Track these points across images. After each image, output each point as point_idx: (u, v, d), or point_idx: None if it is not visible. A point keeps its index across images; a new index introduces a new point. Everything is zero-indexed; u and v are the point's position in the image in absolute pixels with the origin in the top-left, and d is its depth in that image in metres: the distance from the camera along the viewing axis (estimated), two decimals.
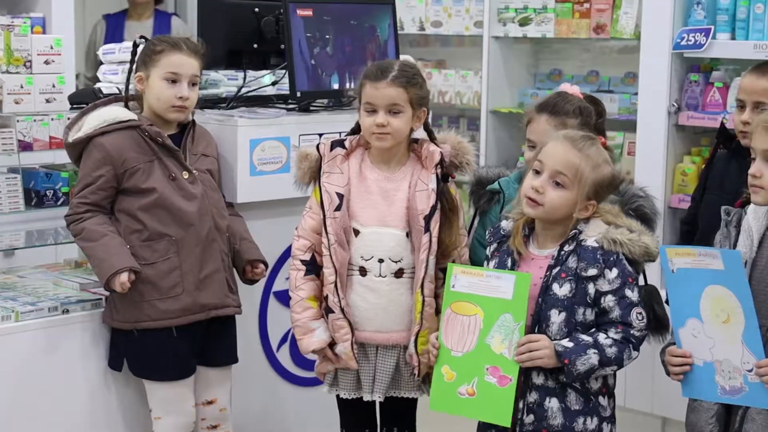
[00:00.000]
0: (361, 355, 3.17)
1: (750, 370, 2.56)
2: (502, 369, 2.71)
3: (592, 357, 2.66)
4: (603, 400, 2.74)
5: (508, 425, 2.73)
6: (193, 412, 3.41)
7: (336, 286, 3.11)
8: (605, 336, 2.69)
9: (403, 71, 3.11)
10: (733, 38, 4.25)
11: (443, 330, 2.85)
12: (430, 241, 3.07)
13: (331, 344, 3.17)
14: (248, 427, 3.79)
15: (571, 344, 2.66)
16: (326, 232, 3.12)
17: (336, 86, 3.85)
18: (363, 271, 3.14)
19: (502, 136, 5.19)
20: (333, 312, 3.13)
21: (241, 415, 3.70)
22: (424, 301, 3.08)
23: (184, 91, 3.33)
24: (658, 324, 2.90)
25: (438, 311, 3.10)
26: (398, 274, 3.11)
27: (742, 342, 2.57)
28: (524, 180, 2.81)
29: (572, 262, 2.71)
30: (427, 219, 3.07)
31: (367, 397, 3.17)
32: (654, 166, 4.44)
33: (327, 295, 3.14)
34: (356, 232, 3.14)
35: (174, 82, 3.32)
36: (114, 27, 6.10)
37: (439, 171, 3.10)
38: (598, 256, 2.69)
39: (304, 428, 3.98)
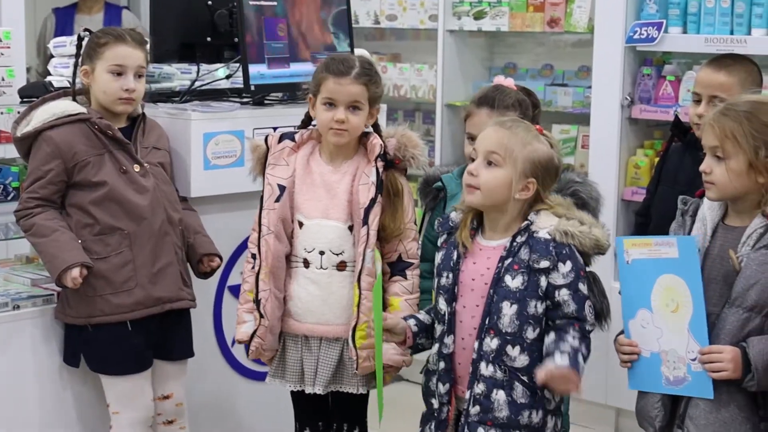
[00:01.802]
0: (305, 348, 3.18)
1: (694, 359, 2.59)
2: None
3: (582, 362, 2.68)
4: (548, 393, 2.74)
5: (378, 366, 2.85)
6: (151, 405, 3.39)
7: (258, 277, 3.12)
8: (572, 339, 2.68)
9: (365, 68, 3.11)
10: (684, 32, 4.29)
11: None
12: (368, 234, 3.07)
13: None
14: (203, 420, 3.78)
15: (567, 361, 2.64)
16: (260, 224, 3.13)
17: (290, 80, 3.83)
18: (306, 263, 3.14)
19: (457, 130, 5.19)
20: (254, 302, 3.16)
21: (195, 408, 3.68)
22: (361, 294, 3.07)
23: (130, 83, 3.30)
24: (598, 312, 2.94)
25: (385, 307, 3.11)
26: (340, 266, 3.12)
27: (688, 330, 2.60)
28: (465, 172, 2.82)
29: (524, 253, 2.71)
30: (366, 211, 3.07)
31: (309, 390, 3.17)
32: (607, 158, 4.47)
33: None
34: (300, 224, 3.14)
35: (119, 74, 3.29)
36: (64, 21, 6.02)
37: (380, 164, 3.11)
38: (551, 249, 2.69)
39: (259, 422, 3.97)
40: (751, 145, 2.57)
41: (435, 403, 2.83)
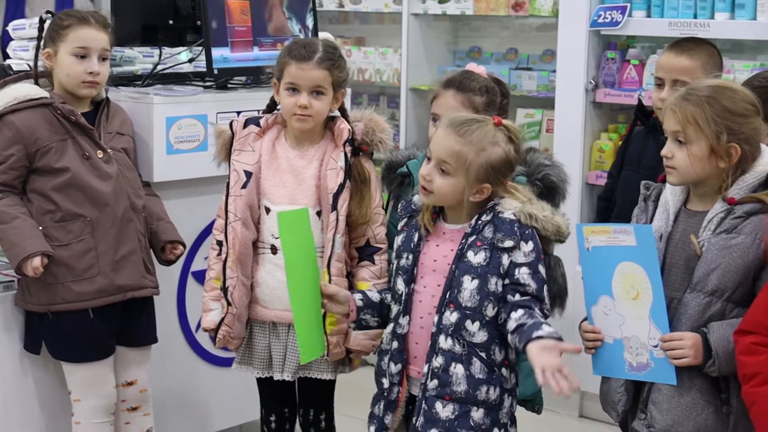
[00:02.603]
0: (273, 334, 3.16)
1: (656, 346, 2.60)
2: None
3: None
4: (505, 372, 2.75)
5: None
6: (113, 393, 3.37)
7: (225, 264, 3.10)
8: (539, 314, 2.67)
9: (328, 53, 3.08)
10: (648, 16, 4.30)
11: None
12: (337, 219, 3.05)
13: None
14: (167, 407, 3.76)
15: (552, 328, 2.62)
16: (227, 210, 3.11)
17: (254, 64, 3.81)
18: (274, 250, 3.12)
19: (422, 114, 5.19)
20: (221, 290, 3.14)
21: (160, 395, 3.66)
22: (330, 280, 3.05)
23: (95, 66, 3.26)
24: (559, 294, 2.96)
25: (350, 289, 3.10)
26: None
27: (649, 318, 2.61)
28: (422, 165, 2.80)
29: (488, 232, 2.71)
30: (335, 197, 3.06)
31: (277, 376, 3.16)
32: (572, 142, 4.48)
33: None
34: (267, 210, 3.12)
35: (83, 57, 3.26)
36: (15, 3, 5.93)
37: (348, 148, 3.09)
38: (515, 229, 2.69)
39: (224, 408, 3.96)
40: (712, 130, 2.57)
41: (386, 383, 2.82)
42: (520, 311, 2.68)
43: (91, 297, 3.25)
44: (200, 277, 3.71)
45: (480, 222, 2.72)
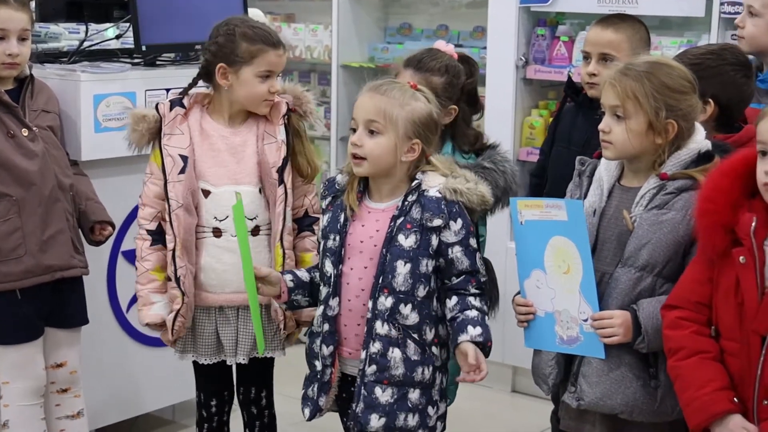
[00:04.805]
0: (221, 319, 3.13)
1: (585, 320, 2.63)
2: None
3: (486, 324, 2.72)
4: (435, 350, 2.76)
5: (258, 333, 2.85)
6: (43, 375, 3.33)
7: (174, 253, 3.05)
8: (474, 299, 2.72)
9: (274, 32, 3.09)
10: None
11: None
12: (285, 193, 3.03)
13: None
14: (99, 389, 3.72)
15: (481, 330, 2.67)
16: (168, 198, 3.05)
17: (183, 40, 3.76)
18: (217, 232, 3.08)
19: (353, 91, 5.17)
20: (170, 280, 3.09)
21: (91, 376, 3.62)
22: (284, 253, 3.04)
23: (13, 47, 3.20)
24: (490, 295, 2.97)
25: (297, 263, 3.10)
26: (254, 232, 3.07)
27: (579, 292, 2.63)
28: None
29: (416, 212, 2.71)
30: (280, 171, 3.03)
31: (230, 361, 3.13)
32: (503, 119, 4.50)
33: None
34: (207, 193, 3.07)
35: (1, 38, 3.19)
36: None
37: (286, 121, 3.08)
38: (443, 207, 2.70)
39: (156, 387, 3.93)
40: (652, 106, 2.58)
41: (318, 365, 2.82)
42: (454, 299, 2.73)
43: (18, 278, 3.20)
44: (130, 256, 3.67)
45: (407, 203, 2.72)
